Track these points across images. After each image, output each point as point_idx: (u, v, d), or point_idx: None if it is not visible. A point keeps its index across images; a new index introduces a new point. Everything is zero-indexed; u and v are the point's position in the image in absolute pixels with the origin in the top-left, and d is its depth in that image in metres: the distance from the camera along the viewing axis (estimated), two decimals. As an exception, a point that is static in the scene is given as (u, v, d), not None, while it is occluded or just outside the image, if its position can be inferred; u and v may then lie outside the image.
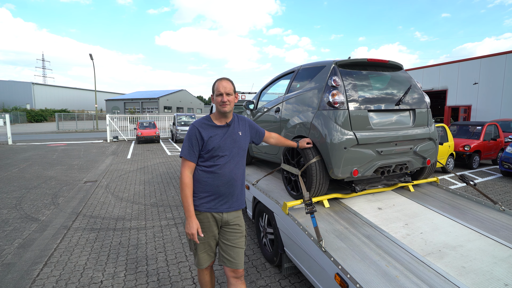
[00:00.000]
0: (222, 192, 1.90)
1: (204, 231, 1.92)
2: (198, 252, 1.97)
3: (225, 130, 1.94)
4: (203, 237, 1.92)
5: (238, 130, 2.00)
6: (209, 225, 1.93)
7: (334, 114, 2.43)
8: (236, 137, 1.97)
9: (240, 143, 1.98)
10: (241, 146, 1.98)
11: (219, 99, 1.88)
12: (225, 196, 1.92)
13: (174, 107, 51.67)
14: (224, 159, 1.89)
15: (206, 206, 1.90)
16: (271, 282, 2.81)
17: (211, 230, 1.94)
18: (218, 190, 1.89)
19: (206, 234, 1.94)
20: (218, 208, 1.91)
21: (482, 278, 1.67)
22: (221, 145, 1.89)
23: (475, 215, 2.51)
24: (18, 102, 47.26)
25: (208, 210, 1.90)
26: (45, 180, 6.92)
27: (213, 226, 1.94)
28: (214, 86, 1.93)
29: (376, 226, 2.28)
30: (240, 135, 2.00)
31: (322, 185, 2.56)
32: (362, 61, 2.70)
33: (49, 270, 3.01)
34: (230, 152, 1.92)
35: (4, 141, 14.83)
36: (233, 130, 1.97)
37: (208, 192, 1.89)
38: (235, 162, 1.94)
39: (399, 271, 1.74)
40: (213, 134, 1.90)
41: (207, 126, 1.93)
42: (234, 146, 1.94)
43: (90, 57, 22.99)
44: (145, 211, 4.81)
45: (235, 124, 2.02)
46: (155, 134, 15.77)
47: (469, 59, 15.56)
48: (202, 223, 1.92)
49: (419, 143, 2.75)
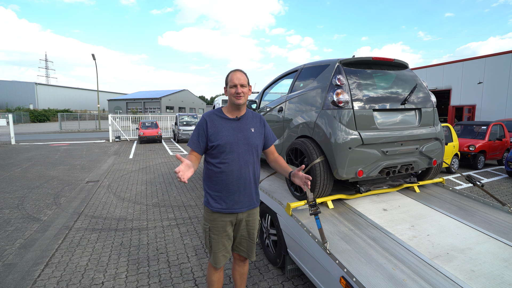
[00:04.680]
0: (232, 190, 1.85)
1: (217, 231, 1.90)
2: (213, 251, 1.94)
3: (235, 124, 1.87)
4: (216, 238, 1.90)
5: (250, 126, 1.91)
6: (223, 224, 1.89)
7: (339, 113, 2.38)
8: (247, 133, 1.88)
9: (252, 140, 1.88)
10: (252, 143, 1.88)
11: (232, 91, 1.82)
12: (236, 195, 1.86)
13: (176, 107, 51.75)
14: (232, 156, 1.82)
15: (218, 206, 1.87)
16: (274, 284, 2.76)
17: (225, 230, 1.91)
18: (228, 188, 1.84)
19: (219, 234, 1.90)
20: (230, 209, 1.87)
21: (493, 282, 1.62)
22: (230, 141, 1.82)
23: (483, 216, 2.46)
24: (21, 102, 47.53)
25: (220, 210, 1.87)
26: (47, 180, 6.92)
27: (227, 226, 1.90)
28: (227, 77, 1.87)
29: (381, 227, 2.23)
30: (253, 131, 1.90)
31: (326, 185, 2.51)
32: (367, 59, 2.65)
33: (50, 270, 2.99)
34: (239, 148, 1.83)
35: (7, 141, 14.90)
36: (244, 125, 1.89)
37: (219, 190, 1.86)
38: (244, 159, 1.85)
39: (406, 274, 1.69)
40: (221, 126, 1.83)
41: (217, 117, 1.87)
42: (244, 142, 1.85)
43: (93, 57, 23.07)
44: (147, 212, 4.79)
45: (248, 120, 1.93)
46: (157, 134, 15.76)
47: (473, 58, 15.41)
48: (215, 223, 1.89)
49: (425, 143, 2.70)
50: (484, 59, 14.81)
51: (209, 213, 1.91)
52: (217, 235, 1.90)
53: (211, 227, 1.91)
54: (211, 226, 1.90)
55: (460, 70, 15.96)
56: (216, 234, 1.90)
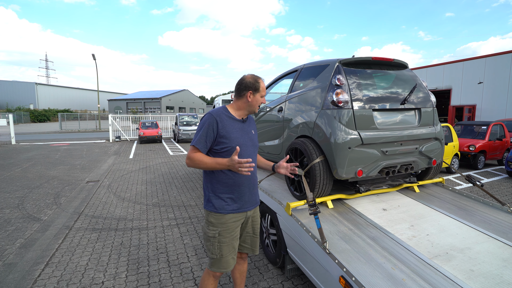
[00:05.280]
0: (244, 191, 1.88)
1: (228, 234, 1.86)
2: (224, 255, 1.86)
3: (241, 126, 1.90)
4: (227, 241, 1.86)
5: (252, 128, 1.99)
6: (234, 226, 1.89)
7: (338, 113, 2.39)
8: (251, 135, 1.94)
9: (254, 141, 1.96)
10: (256, 144, 1.97)
11: (261, 100, 1.88)
12: (247, 195, 1.90)
13: (176, 107, 51.76)
14: (244, 157, 1.83)
15: (229, 208, 1.85)
16: (274, 284, 2.77)
17: (235, 231, 1.91)
18: (240, 190, 1.86)
19: (230, 236, 1.87)
20: (241, 208, 1.89)
21: (492, 281, 1.63)
22: (240, 143, 1.83)
23: (482, 216, 2.46)
24: (21, 102, 47.56)
25: (233, 211, 1.87)
26: (47, 180, 6.93)
27: (237, 226, 1.91)
28: (257, 84, 1.85)
29: (381, 227, 2.24)
30: (253, 133, 1.98)
31: (326, 185, 2.52)
32: (366, 59, 2.66)
33: (50, 270, 3.00)
34: (248, 150, 1.88)
35: (7, 141, 14.91)
36: (248, 127, 1.95)
37: (231, 193, 1.85)
38: (253, 160, 1.88)
39: (405, 274, 1.69)
40: (231, 128, 1.82)
41: (226, 117, 1.83)
42: (251, 143, 1.91)
43: (93, 57, 23.09)
44: (147, 211, 4.79)
45: (250, 122, 2.01)
46: (157, 134, 15.78)
47: (473, 58, 15.41)
48: (227, 225, 1.85)
49: (424, 143, 2.70)
50: (485, 59, 14.80)
51: (219, 217, 1.84)
52: (228, 237, 1.86)
53: (222, 231, 1.84)
54: (222, 230, 1.84)
55: (461, 70, 15.95)
56: (227, 237, 1.86)
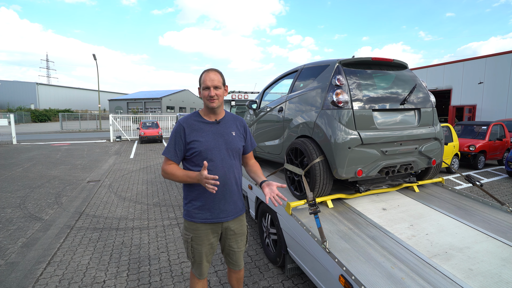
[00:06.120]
0: (217, 199, 1.74)
1: (200, 241, 1.79)
2: (196, 261, 1.84)
3: (215, 128, 1.76)
4: (199, 248, 1.80)
5: (231, 130, 1.81)
6: (206, 233, 1.79)
7: (338, 113, 2.40)
8: (228, 137, 1.77)
9: (233, 144, 1.78)
10: (234, 147, 1.78)
11: (206, 93, 1.69)
12: (221, 203, 1.76)
13: (177, 107, 51.82)
14: (215, 163, 1.71)
15: (201, 216, 1.76)
16: (274, 283, 2.78)
17: (208, 239, 1.81)
18: (212, 196, 1.73)
19: (202, 244, 1.80)
20: (215, 218, 1.77)
21: (491, 280, 1.64)
22: (211, 146, 1.71)
23: (481, 216, 2.47)
24: (22, 102, 47.64)
25: (204, 221, 1.76)
26: (48, 180, 6.96)
27: (209, 235, 1.81)
28: (200, 78, 1.72)
29: (380, 227, 2.25)
30: (234, 135, 1.80)
31: (326, 185, 2.53)
32: (366, 60, 2.67)
33: (52, 269, 3.02)
34: (221, 153, 1.73)
35: (8, 140, 14.94)
36: (224, 129, 1.79)
37: (201, 201, 1.74)
38: (228, 165, 1.75)
39: (404, 273, 1.71)
40: (200, 131, 1.72)
41: (195, 122, 1.75)
42: (225, 147, 1.75)
43: (94, 57, 23.11)
44: (148, 211, 4.81)
45: (228, 123, 1.82)
46: (157, 134, 15.80)
47: (474, 58, 15.40)
48: (198, 233, 1.78)
49: (424, 143, 2.71)
50: (485, 59, 14.79)
51: (191, 224, 1.79)
52: (200, 245, 1.79)
53: (194, 237, 1.79)
54: (194, 236, 1.79)
55: (461, 70, 15.95)
56: (199, 245, 1.79)
